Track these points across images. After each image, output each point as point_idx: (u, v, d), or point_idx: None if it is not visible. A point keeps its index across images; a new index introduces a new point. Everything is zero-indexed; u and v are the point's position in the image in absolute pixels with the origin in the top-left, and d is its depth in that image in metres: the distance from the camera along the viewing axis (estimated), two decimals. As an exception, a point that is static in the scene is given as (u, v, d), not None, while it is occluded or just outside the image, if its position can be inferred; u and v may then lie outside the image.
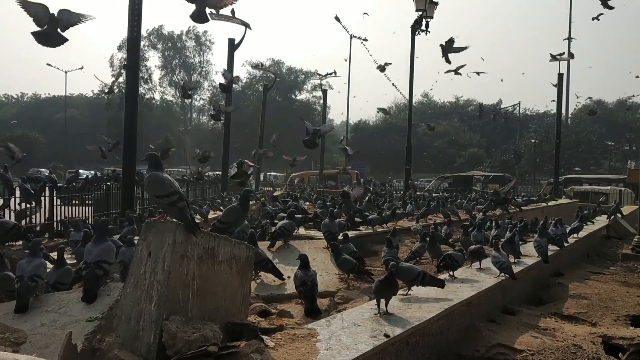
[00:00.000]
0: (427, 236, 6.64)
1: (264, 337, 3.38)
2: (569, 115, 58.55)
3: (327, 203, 10.89)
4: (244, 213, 4.28)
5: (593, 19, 17.87)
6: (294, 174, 33.25)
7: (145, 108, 58.35)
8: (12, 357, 2.81)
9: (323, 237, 7.27)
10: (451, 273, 5.55)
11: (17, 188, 9.29)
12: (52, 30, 7.00)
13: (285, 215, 7.91)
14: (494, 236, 7.45)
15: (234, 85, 20.59)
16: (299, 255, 4.93)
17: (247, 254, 3.68)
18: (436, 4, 18.50)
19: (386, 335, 3.55)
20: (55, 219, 10.12)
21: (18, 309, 3.78)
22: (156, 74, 70.42)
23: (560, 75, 25.77)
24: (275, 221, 8.50)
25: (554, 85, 23.97)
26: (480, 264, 6.05)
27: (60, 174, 35.61)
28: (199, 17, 7.85)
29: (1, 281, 4.29)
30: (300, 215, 8.40)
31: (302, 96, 73.28)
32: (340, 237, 6.88)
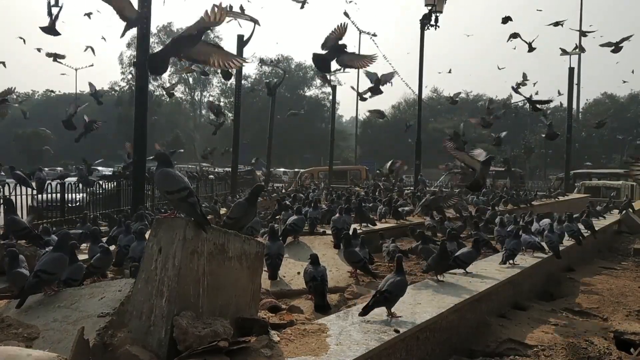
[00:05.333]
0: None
1: (273, 332, 3.39)
2: (580, 110, 58.03)
3: (341, 200, 10.86)
4: (251, 208, 4.26)
5: None
6: (303, 170, 33.23)
7: (155, 105, 58.55)
8: (26, 353, 2.84)
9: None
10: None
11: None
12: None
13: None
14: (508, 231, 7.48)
15: (242, 82, 20.61)
16: (310, 255, 4.94)
17: (257, 249, 3.69)
18: (445, -2, 18.39)
19: (396, 331, 3.55)
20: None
21: (17, 305, 3.86)
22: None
23: (571, 69, 25.55)
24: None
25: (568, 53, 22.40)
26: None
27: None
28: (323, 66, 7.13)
29: (13, 277, 4.35)
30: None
31: (311, 92, 73.20)
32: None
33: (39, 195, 10.05)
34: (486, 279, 5.32)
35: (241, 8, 12.91)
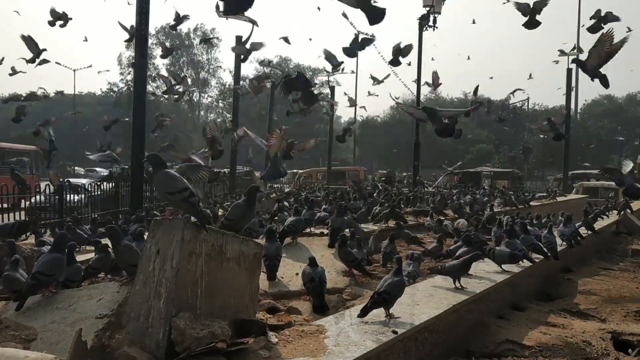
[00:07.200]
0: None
1: (271, 333, 3.39)
2: (578, 111, 58.04)
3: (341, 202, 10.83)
4: (250, 209, 4.25)
5: None
6: (301, 171, 33.16)
7: (153, 106, 58.47)
8: (23, 354, 2.84)
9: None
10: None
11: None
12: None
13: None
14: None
15: (241, 83, 20.58)
16: (308, 258, 4.94)
17: (255, 251, 3.69)
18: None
19: (394, 332, 3.55)
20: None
21: (16, 307, 3.85)
22: (164, 72, 70.64)
23: (569, 71, 25.59)
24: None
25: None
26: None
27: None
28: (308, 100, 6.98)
29: (6, 281, 4.35)
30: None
31: (309, 93, 73.10)
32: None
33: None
34: (484, 279, 5.32)
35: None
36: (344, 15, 18.90)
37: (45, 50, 12.28)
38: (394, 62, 12.11)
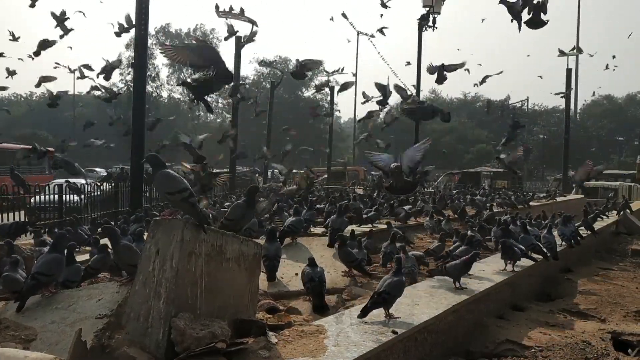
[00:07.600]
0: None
1: (271, 333, 3.39)
2: (578, 111, 58.06)
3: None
4: (250, 209, 4.25)
5: None
6: (301, 172, 33.04)
7: (153, 106, 58.46)
8: (23, 354, 2.84)
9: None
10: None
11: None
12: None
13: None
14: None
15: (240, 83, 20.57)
16: (308, 258, 4.95)
17: (254, 251, 3.68)
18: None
19: (394, 332, 3.55)
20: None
21: (17, 308, 3.85)
22: (164, 72, 70.55)
23: (568, 71, 25.55)
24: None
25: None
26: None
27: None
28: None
29: (5, 282, 4.35)
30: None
31: (309, 93, 73.04)
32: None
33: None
34: (484, 280, 5.32)
35: (242, 10, 12.89)
36: (344, 15, 18.90)
37: (117, 66, 12.50)
38: (440, 80, 12.04)
